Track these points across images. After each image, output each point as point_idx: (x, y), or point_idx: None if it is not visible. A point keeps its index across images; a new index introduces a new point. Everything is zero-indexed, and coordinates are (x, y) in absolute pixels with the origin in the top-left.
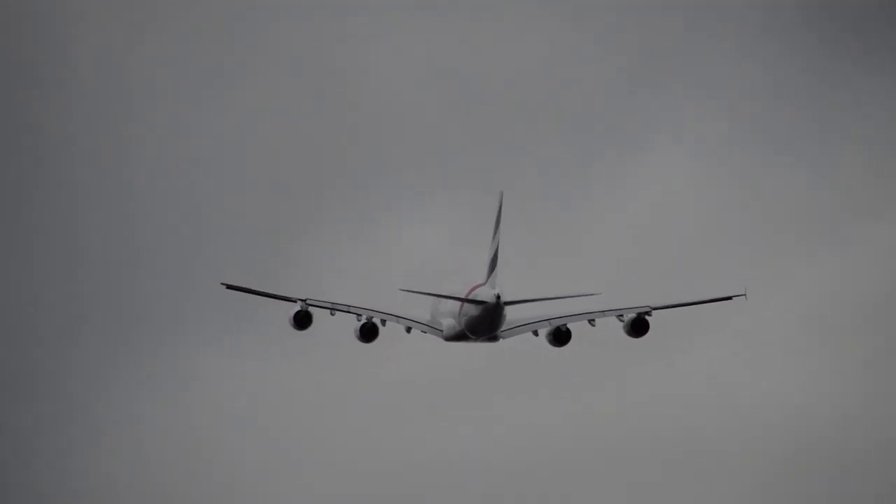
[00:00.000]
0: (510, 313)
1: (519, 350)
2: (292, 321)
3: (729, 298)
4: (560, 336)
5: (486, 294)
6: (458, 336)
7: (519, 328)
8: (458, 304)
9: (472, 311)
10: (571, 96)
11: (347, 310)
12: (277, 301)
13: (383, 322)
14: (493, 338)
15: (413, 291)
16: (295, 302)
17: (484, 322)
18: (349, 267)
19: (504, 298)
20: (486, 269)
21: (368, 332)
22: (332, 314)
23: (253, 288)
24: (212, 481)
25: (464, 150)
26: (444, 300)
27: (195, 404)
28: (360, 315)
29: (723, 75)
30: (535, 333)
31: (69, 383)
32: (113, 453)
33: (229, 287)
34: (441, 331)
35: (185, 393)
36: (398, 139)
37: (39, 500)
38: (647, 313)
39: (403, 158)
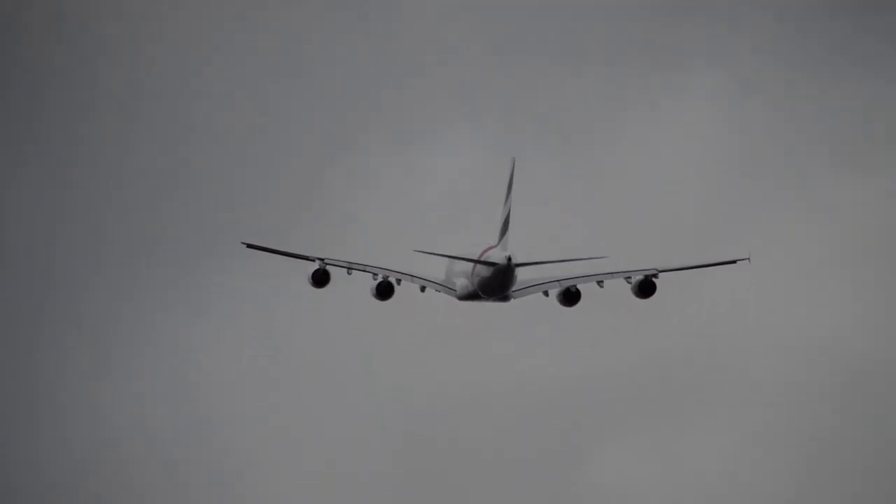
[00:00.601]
0: (521, 274)
1: (532, 304)
2: (311, 279)
3: (733, 262)
4: (570, 296)
5: (497, 256)
6: (471, 295)
7: (530, 288)
8: (472, 265)
9: (485, 272)
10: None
11: (364, 269)
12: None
13: (398, 281)
14: (505, 297)
15: (427, 252)
16: (313, 261)
17: (495, 283)
18: (382, 196)
19: (515, 261)
20: (497, 231)
21: (384, 291)
22: (348, 273)
23: (272, 247)
24: (218, 417)
25: (485, 87)
26: (456, 263)
27: (205, 347)
28: (377, 274)
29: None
30: (546, 294)
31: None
32: (122, 385)
33: (249, 246)
34: (454, 290)
35: (195, 335)
36: (422, 74)
37: (50, 426)
38: (654, 275)
39: (428, 93)
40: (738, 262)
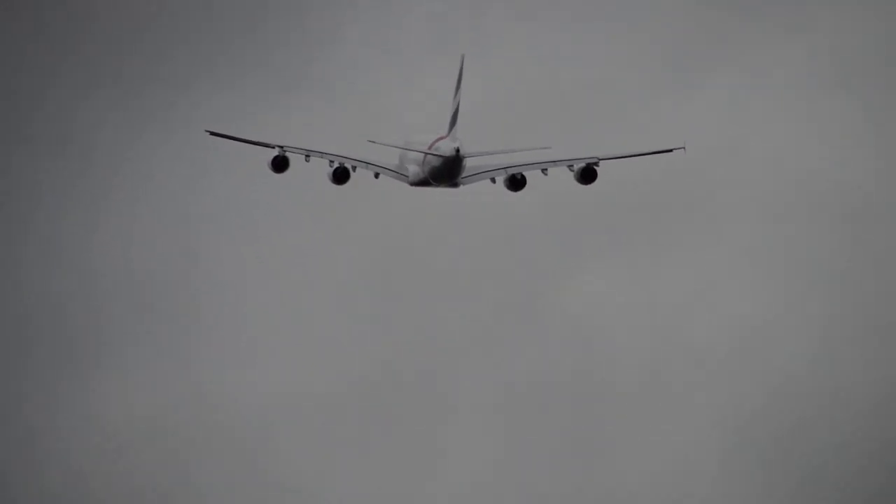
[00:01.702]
0: (470, 161)
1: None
2: (270, 165)
3: (669, 151)
4: (516, 182)
5: (446, 147)
6: (422, 182)
7: (478, 175)
8: (423, 154)
9: (434, 161)
10: None
11: (321, 155)
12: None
13: (354, 168)
14: (455, 184)
15: (381, 143)
16: (273, 148)
17: (444, 171)
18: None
19: (463, 152)
20: (448, 122)
21: (340, 176)
22: (307, 159)
23: (235, 135)
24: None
25: None
26: (409, 150)
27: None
28: (333, 161)
29: None
30: (493, 181)
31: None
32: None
33: (213, 134)
34: (407, 177)
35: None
36: None
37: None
38: (595, 163)
39: None
40: (674, 151)
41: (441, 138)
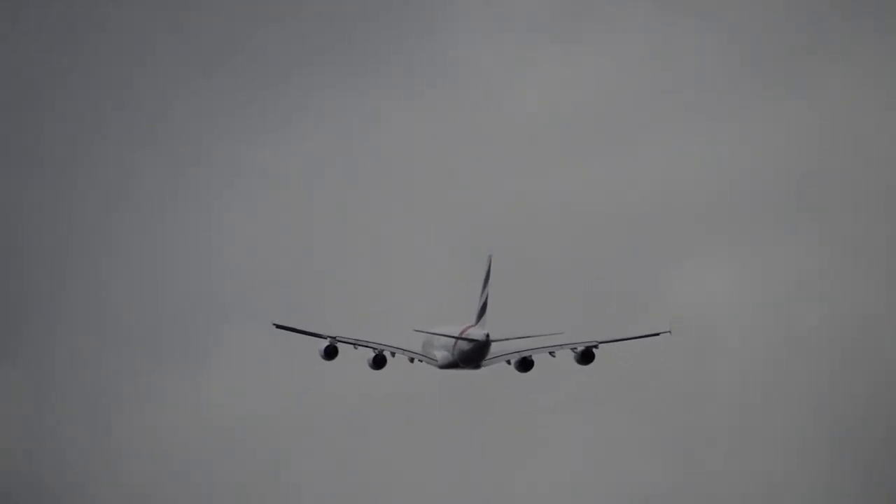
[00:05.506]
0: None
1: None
2: (322, 353)
3: (657, 335)
4: (525, 364)
5: (477, 333)
6: (451, 365)
7: (496, 358)
8: (453, 340)
9: (465, 346)
10: None
11: (366, 344)
12: None
13: (392, 353)
14: (477, 366)
15: (424, 331)
16: (325, 339)
17: (473, 355)
18: None
19: (492, 337)
20: (475, 314)
21: (379, 362)
22: (355, 348)
23: (298, 327)
24: None
25: None
26: (438, 338)
27: None
28: (376, 348)
29: None
30: (509, 363)
31: None
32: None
33: (279, 327)
34: (435, 360)
35: None
36: None
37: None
38: (595, 346)
39: None
40: (661, 335)
41: (470, 326)
